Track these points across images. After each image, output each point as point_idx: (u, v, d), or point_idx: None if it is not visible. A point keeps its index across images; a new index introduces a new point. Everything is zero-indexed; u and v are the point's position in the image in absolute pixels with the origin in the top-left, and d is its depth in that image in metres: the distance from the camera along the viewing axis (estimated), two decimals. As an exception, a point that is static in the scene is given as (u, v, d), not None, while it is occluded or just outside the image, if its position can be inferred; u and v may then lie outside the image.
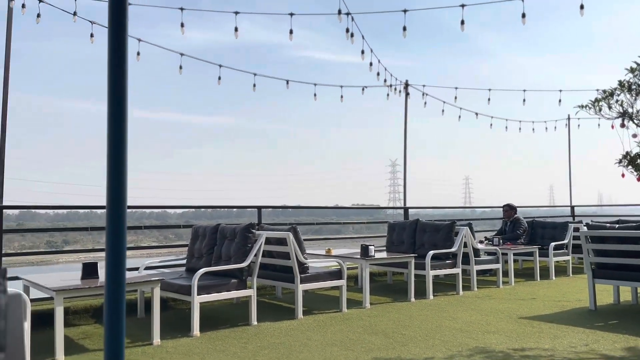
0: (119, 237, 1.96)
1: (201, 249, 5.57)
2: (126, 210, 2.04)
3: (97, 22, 5.37)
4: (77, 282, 4.20)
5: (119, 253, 1.95)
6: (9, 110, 5.06)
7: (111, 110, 1.96)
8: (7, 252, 5.47)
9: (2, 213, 5.05)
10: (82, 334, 4.66)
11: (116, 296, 1.93)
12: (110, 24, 1.94)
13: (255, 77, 7.18)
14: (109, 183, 1.96)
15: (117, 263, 1.95)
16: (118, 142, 1.96)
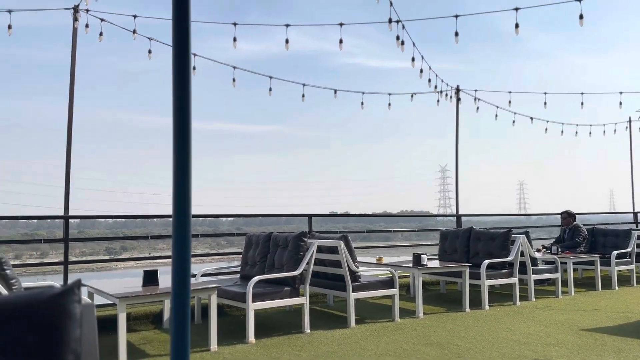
0: (185, 246, 2.03)
1: (254, 256, 5.67)
2: (191, 220, 2.12)
3: (154, 38, 5.59)
4: (138, 289, 4.37)
5: (184, 261, 2.03)
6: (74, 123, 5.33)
7: (176, 122, 2.04)
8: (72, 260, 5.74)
9: (67, 223, 5.32)
10: (143, 339, 4.83)
11: (182, 303, 2.00)
12: (174, 41, 2.03)
13: (304, 87, 7.26)
14: (175, 193, 2.04)
15: (182, 271, 2.02)
16: (183, 153, 2.04)
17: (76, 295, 1.71)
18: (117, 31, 5.29)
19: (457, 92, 8.83)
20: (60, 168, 5.76)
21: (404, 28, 5.00)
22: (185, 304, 2.05)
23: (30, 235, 30.45)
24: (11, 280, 3.79)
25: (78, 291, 1.73)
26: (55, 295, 1.67)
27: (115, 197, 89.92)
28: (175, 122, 2.05)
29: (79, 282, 1.76)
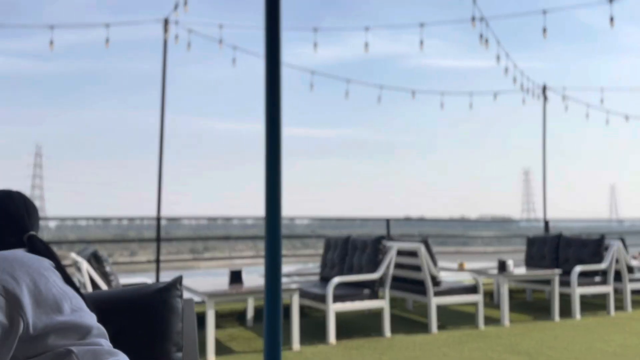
0: (276, 247, 2.10)
1: (333, 259, 5.72)
2: (281, 222, 2.17)
3: (239, 47, 5.80)
4: (225, 288, 4.54)
5: (276, 261, 2.09)
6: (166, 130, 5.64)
7: (268, 128, 2.10)
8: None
9: (159, 223, 5.63)
10: (229, 336, 5.01)
11: (274, 301, 2.06)
12: (266, 50, 2.10)
13: (381, 89, 7.24)
14: (267, 197, 2.11)
15: (274, 270, 2.08)
16: (274, 158, 2.10)
17: (178, 291, 1.80)
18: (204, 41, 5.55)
19: (544, 90, 8.43)
20: (153, 174, 6.12)
21: (488, 25, 4.86)
22: (277, 302, 2.10)
23: (121, 235, 32.45)
24: (110, 276, 4.07)
25: (180, 287, 1.83)
26: (159, 290, 1.78)
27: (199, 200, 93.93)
28: (267, 128, 2.12)
29: (180, 278, 1.86)
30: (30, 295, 1.24)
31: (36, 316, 1.24)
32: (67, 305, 1.33)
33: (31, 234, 1.47)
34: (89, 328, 1.36)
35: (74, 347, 1.31)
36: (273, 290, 2.17)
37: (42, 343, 1.26)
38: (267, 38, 2.21)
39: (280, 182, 2.19)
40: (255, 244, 34.78)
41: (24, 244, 1.45)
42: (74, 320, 1.33)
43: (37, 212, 1.55)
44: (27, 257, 1.35)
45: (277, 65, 2.18)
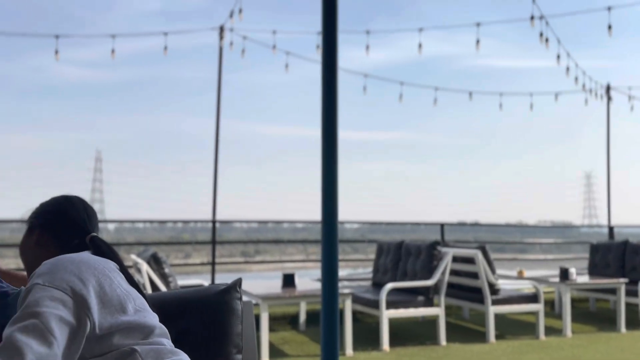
0: (332, 251, 2.08)
1: (386, 264, 5.65)
2: (337, 226, 2.15)
3: (292, 52, 5.85)
4: (278, 291, 4.56)
5: (332, 266, 2.07)
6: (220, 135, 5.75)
7: (325, 133, 2.09)
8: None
9: (215, 226, 5.74)
10: (282, 339, 5.03)
11: (331, 306, 2.03)
12: (323, 56, 2.08)
13: (436, 91, 7.11)
14: (323, 201, 2.09)
15: (331, 275, 2.06)
16: (330, 163, 2.08)
17: (237, 293, 1.81)
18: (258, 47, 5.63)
19: (608, 90, 8.04)
20: (207, 177, 6.25)
21: (548, 24, 4.67)
22: (334, 306, 2.08)
23: (176, 238, 33.38)
24: (168, 277, 4.17)
25: (239, 289, 1.84)
26: (220, 292, 1.79)
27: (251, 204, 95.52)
28: (323, 132, 2.10)
29: (239, 280, 1.86)
30: (96, 296, 1.27)
31: (102, 316, 1.27)
32: (131, 305, 1.36)
33: (93, 235, 1.51)
34: (151, 328, 1.39)
35: (138, 346, 1.33)
36: (330, 295, 2.15)
37: (107, 342, 1.29)
38: (324, 43, 2.20)
39: (337, 186, 2.17)
40: (305, 248, 34.98)
41: (87, 247, 1.49)
42: (137, 320, 1.35)
43: (96, 215, 1.60)
44: (92, 259, 1.38)
45: (333, 71, 2.16)
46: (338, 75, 2.14)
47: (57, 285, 1.23)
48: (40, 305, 1.18)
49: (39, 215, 1.52)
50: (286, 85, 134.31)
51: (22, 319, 1.16)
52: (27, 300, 1.20)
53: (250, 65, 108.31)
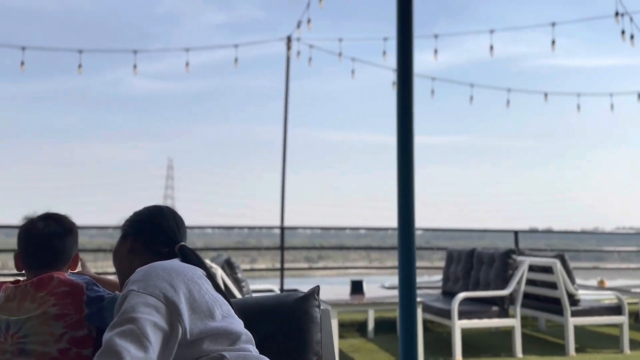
0: (410, 258, 2.04)
1: (457, 272, 5.51)
2: (415, 233, 2.11)
3: (358, 58, 5.85)
4: (346, 297, 4.55)
5: (410, 273, 2.03)
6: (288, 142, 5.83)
7: (400, 138, 2.06)
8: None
9: (283, 232, 5.82)
10: (351, 347, 5.02)
11: (409, 314, 2.00)
12: (398, 61, 2.06)
13: (509, 92, 6.88)
14: (400, 207, 2.06)
15: (409, 283, 2.03)
16: (406, 169, 2.05)
17: (316, 301, 1.82)
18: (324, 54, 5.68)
19: (698, 88, 7.47)
20: (274, 184, 6.36)
21: (632, 20, 4.40)
22: (412, 317, 2.04)
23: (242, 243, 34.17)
24: (241, 282, 4.26)
25: (317, 297, 1.85)
26: (299, 299, 1.81)
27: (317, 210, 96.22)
28: (399, 138, 2.08)
29: (317, 288, 1.88)
30: (187, 302, 1.31)
31: (192, 322, 1.31)
32: (219, 311, 1.39)
33: (182, 244, 1.57)
34: (238, 334, 1.42)
35: (226, 352, 1.36)
36: (408, 304, 2.11)
37: (197, 348, 1.32)
38: (399, 49, 2.18)
39: (413, 193, 2.14)
40: (368, 254, 34.75)
41: (175, 255, 1.55)
42: (225, 327, 1.39)
43: (185, 224, 1.65)
44: (182, 267, 1.43)
45: (409, 76, 2.14)
46: (413, 79, 2.12)
47: (151, 292, 1.28)
48: (135, 311, 1.23)
49: (133, 223, 1.59)
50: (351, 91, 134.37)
51: (120, 325, 1.21)
52: (124, 307, 1.25)
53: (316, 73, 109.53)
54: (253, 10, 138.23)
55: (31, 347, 1.42)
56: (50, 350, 1.43)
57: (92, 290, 1.52)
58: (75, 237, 1.65)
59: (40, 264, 1.57)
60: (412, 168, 2.14)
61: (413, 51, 2.15)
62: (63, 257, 1.60)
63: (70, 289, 1.49)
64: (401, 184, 2.11)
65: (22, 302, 1.46)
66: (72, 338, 1.46)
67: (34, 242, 1.58)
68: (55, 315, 1.44)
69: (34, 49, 5.87)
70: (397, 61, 2.17)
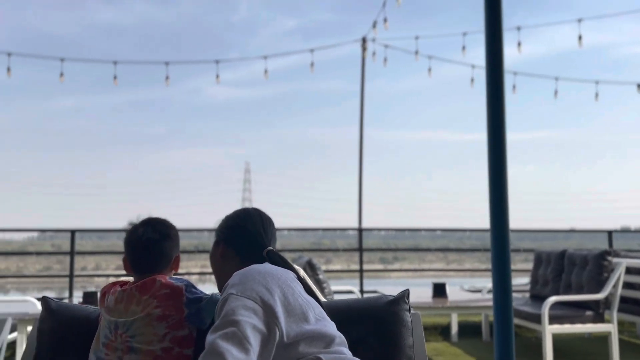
0: (504, 261, 1.96)
1: (546, 275, 5.24)
2: (509, 234, 2.03)
3: (435, 56, 5.74)
4: (429, 300, 4.47)
5: (505, 277, 1.95)
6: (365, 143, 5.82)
7: (491, 136, 1.99)
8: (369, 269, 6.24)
9: (361, 234, 5.80)
10: (434, 350, 4.92)
11: (505, 319, 1.92)
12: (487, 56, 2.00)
13: (597, 85, 6.47)
14: (492, 207, 1.99)
15: (504, 287, 1.95)
16: (498, 168, 1.98)
17: (406, 304, 1.80)
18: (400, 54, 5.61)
19: None
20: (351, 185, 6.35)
21: None
22: (508, 322, 1.96)
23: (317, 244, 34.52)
24: (323, 284, 4.30)
25: (407, 300, 1.82)
26: (389, 303, 1.79)
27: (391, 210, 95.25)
28: (490, 136, 2.01)
29: (407, 292, 1.85)
30: (282, 305, 1.34)
31: (288, 325, 1.33)
32: (312, 314, 1.41)
33: (269, 249, 1.59)
34: (332, 337, 1.42)
35: (322, 354, 1.37)
36: (504, 310, 2.03)
37: (294, 350, 1.34)
38: (488, 44, 2.11)
39: (506, 192, 2.06)
40: (445, 255, 33.95)
41: (264, 259, 1.57)
42: (319, 329, 1.40)
43: (273, 226, 1.67)
44: (276, 270, 1.46)
45: (499, 72, 2.07)
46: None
47: (248, 295, 1.31)
48: (236, 314, 1.26)
49: (223, 229, 1.64)
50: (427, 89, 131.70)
51: (222, 327, 1.25)
52: (224, 310, 1.29)
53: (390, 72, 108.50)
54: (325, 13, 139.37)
55: (138, 345, 1.51)
56: (154, 348, 1.51)
57: (190, 292, 1.59)
58: (174, 241, 1.72)
59: (141, 268, 1.65)
60: (505, 167, 2.06)
61: (503, 45, 2.08)
62: (162, 260, 1.67)
63: (170, 291, 1.56)
64: (493, 184, 2.04)
65: (128, 304, 1.55)
66: (174, 337, 1.53)
67: (135, 247, 1.66)
68: (158, 317, 1.52)
69: (124, 63, 6.25)
70: (485, 56, 2.11)
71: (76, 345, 1.65)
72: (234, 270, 1.44)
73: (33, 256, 18.59)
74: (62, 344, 1.67)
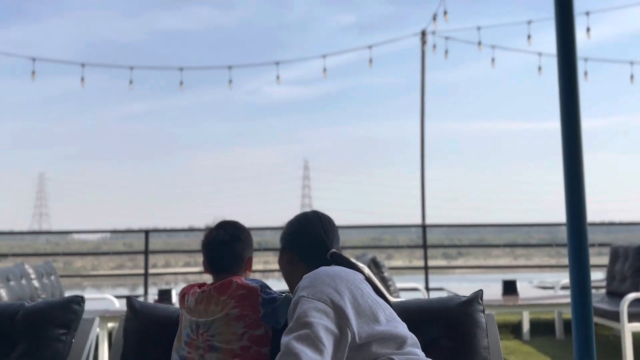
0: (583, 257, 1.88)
1: (624, 271, 4.98)
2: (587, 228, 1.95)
3: (498, 45, 5.56)
4: (499, 298, 4.35)
5: (583, 274, 1.87)
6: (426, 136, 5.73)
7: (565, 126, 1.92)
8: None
9: (425, 231, 5.73)
10: (506, 349, 4.79)
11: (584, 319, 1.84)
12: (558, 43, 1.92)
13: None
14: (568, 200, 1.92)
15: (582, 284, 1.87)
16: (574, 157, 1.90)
17: (480, 305, 1.76)
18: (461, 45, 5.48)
19: None
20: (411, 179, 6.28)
21: None
22: (588, 322, 1.88)
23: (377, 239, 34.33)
24: (388, 282, 4.28)
25: (481, 301, 1.79)
26: (462, 304, 1.76)
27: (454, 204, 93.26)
28: (563, 126, 1.93)
29: (480, 292, 1.81)
30: (352, 307, 1.35)
31: (359, 326, 1.34)
32: (382, 315, 1.41)
33: (333, 251, 1.60)
34: (404, 338, 1.42)
35: (395, 355, 1.37)
36: (583, 310, 1.96)
37: (367, 351, 1.35)
38: (560, 31, 2.04)
39: (583, 184, 1.98)
40: (512, 251, 32.85)
41: (328, 261, 1.58)
42: (390, 330, 1.40)
43: (334, 226, 1.68)
44: (344, 272, 1.47)
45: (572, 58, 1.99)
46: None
47: (319, 297, 1.34)
48: (308, 316, 1.29)
49: (286, 236, 1.67)
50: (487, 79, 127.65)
51: (295, 329, 1.28)
52: (297, 312, 1.32)
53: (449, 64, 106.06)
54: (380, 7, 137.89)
55: (218, 344, 1.57)
56: (234, 347, 1.56)
57: (265, 292, 1.64)
58: (245, 243, 1.77)
59: (216, 268, 1.73)
60: (581, 157, 1.99)
61: (574, 31, 2.01)
62: (234, 261, 1.73)
63: (247, 292, 1.61)
64: (569, 176, 1.97)
65: (208, 305, 1.61)
66: (252, 337, 1.58)
67: (210, 249, 1.74)
68: (236, 317, 1.58)
69: (190, 69, 6.47)
70: (556, 43, 2.04)
71: (159, 343, 1.74)
72: (302, 274, 1.47)
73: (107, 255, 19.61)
74: (147, 342, 1.77)
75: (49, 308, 1.88)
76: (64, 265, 21.15)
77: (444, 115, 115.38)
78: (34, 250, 19.68)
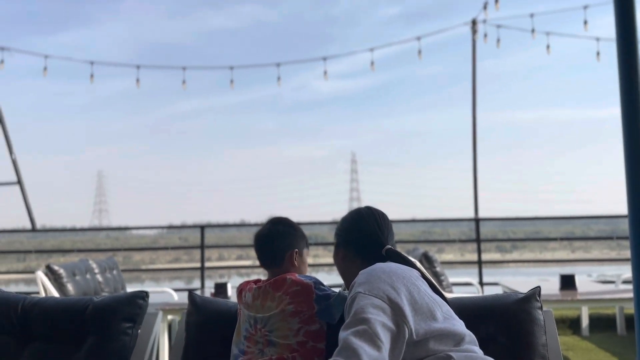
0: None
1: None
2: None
3: (553, 32, 5.38)
4: (557, 293, 4.23)
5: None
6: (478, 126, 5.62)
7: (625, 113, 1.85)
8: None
9: (478, 224, 5.63)
10: (564, 345, 4.66)
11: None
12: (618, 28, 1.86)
13: None
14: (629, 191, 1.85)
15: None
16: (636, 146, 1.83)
17: (538, 302, 1.74)
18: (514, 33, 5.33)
19: None
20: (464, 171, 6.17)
21: None
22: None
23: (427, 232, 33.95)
24: (440, 276, 4.25)
25: (539, 298, 1.76)
26: (520, 300, 1.74)
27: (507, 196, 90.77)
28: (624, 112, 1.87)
29: (538, 289, 1.78)
30: (409, 304, 1.36)
31: (416, 323, 1.35)
32: (439, 312, 1.41)
33: (388, 247, 1.61)
34: (462, 335, 1.42)
35: (452, 352, 1.38)
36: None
37: (424, 347, 1.36)
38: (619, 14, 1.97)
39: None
40: (570, 243, 31.72)
41: (384, 257, 1.59)
42: (447, 327, 1.40)
43: (388, 221, 1.68)
44: (400, 268, 1.48)
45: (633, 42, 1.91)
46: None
47: (376, 293, 1.35)
48: (365, 312, 1.31)
49: (340, 232, 1.69)
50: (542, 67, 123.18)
51: (353, 325, 1.30)
52: (354, 308, 1.34)
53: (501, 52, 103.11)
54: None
55: (276, 339, 1.62)
56: (291, 342, 1.61)
57: (319, 288, 1.67)
58: (294, 238, 1.79)
59: (265, 262, 1.79)
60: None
61: (635, 14, 1.95)
62: (277, 257, 1.76)
63: (301, 288, 1.65)
64: (630, 165, 1.91)
65: (264, 301, 1.66)
66: (307, 332, 1.62)
67: (255, 244, 1.81)
68: (291, 313, 1.62)
69: (240, 68, 6.60)
70: (615, 28, 1.98)
71: (219, 337, 1.81)
72: (357, 270, 1.49)
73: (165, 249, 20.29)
74: (207, 335, 1.84)
75: (116, 303, 1.97)
76: (123, 259, 22.07)
77: (496, 105, 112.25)
78: (95, 246, 20.66)
